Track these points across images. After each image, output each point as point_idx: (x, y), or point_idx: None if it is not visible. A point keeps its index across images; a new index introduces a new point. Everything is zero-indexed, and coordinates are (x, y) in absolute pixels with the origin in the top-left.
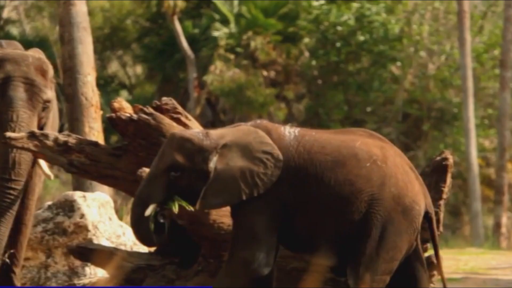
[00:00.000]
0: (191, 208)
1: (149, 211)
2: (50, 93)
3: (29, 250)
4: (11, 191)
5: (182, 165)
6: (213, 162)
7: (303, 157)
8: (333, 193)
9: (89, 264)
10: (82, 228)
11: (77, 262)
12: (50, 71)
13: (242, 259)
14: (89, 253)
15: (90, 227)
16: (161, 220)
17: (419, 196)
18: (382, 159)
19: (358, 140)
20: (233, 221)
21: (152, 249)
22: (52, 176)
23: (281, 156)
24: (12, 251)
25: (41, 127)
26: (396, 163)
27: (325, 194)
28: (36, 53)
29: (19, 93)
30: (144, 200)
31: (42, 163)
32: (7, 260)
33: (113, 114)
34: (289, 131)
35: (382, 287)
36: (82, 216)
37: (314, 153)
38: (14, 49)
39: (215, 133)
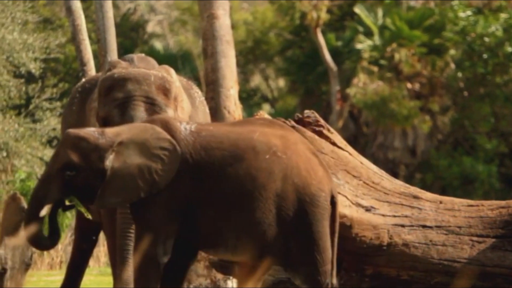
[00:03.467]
0: (87, 213)
1: (44, 211)
2: (171, 112)
3: None
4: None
5: (77, 164)
6: (110, 161)
7: (200, 154)
8: (235, 189)
9: (231, 277)
10: None
11: (219, 275)
12: (174, 90)
13: (147, 255)
14: (231, 266)
15: None
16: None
17: (323, 182)
18: (282, 149)
19: (256, 131)
20: (134, 219)
21: None
22: None
23: (179, 151)
24: None
25: None
26: (298, 151)
27: (226, 190)
28: (160, 72)
29: (139, 112)
30: (39, 200)
31: None
32: None
33: None
34: (185, 127)
35: (328, 277)
36: None
37: (212, 149)
38: (146, 65)
39: (110, 131)
